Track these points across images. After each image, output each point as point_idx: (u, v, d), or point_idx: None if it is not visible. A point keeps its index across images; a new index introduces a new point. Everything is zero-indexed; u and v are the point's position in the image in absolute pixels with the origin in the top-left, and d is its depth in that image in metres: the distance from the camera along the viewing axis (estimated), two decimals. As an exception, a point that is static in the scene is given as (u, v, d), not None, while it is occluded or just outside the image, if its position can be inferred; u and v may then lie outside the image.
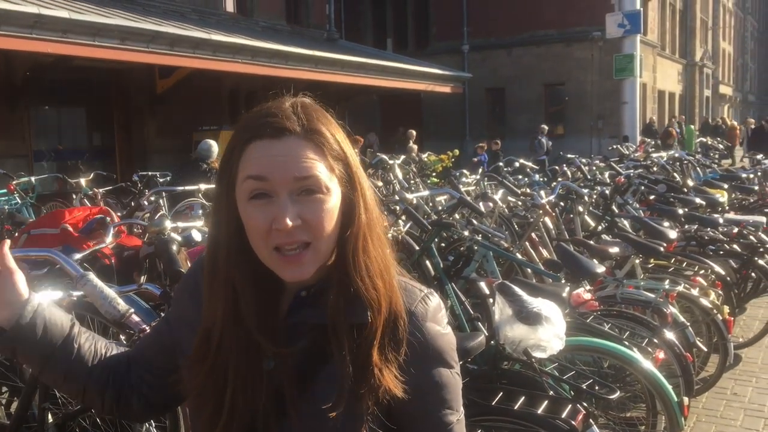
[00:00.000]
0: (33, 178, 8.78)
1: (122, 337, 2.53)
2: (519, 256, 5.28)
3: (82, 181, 8.71)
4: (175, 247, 2.23)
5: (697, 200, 6.85)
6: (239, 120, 1.13)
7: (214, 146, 8.10)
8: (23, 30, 9.64)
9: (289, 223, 1.03)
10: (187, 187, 5.92)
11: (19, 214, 7.21)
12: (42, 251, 1.81)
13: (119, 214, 5.57)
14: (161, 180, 9.63)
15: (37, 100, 13.29)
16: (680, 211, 6.21)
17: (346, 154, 1.11)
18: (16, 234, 6.16)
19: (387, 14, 28.44)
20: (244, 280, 1.09)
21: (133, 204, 8.32)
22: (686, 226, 5.92)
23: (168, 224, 2.75)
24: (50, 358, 1.21)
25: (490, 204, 5.44)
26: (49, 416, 2.51)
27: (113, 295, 1.59)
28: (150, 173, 9.94)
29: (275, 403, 1.09)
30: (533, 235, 5.85)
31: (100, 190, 8.61)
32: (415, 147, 16.55)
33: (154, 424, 2.51)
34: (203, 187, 5.74)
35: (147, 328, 2.39)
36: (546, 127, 19.59)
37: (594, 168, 9.79)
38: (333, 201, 1.08)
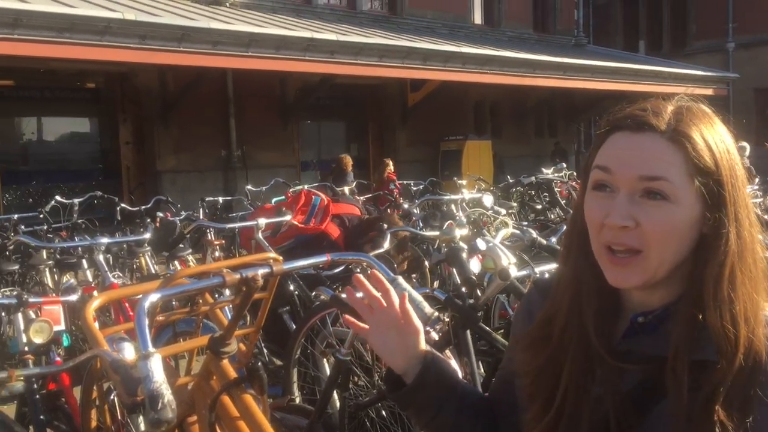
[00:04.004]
0: (306, 187, 9.68)
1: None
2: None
3: (346, 189, 9.41)
4: (464, 255, 2.35)
5: None
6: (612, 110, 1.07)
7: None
8: (298, 53, 10.75)
9: (620, 222, 0.96)
10: (453, 196, 6.14)
11: (294, 218, 7.96)
12: (357, 255, 2.01)
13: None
14: (414, 188, 10.09)
15: (304, 116, 14.73)
16: None
17: (720, 168, 0.97)
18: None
19: (640, 15, 26.89)
20: (589, 275, 1.04)
21: (389, 211, 8.83)
22: None
23: (458, 233, 2.87)
24: (439, 411, 1.20)
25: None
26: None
27: (420, 298, 1.71)
28: (405, 182, 10.48)
29: None
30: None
31: (361, 197, 9.25)
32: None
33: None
34: (467, 196, 5.90)
35: (431, 330, 2.53)
36: None
37: None
38: (681, 214, 0.96)
